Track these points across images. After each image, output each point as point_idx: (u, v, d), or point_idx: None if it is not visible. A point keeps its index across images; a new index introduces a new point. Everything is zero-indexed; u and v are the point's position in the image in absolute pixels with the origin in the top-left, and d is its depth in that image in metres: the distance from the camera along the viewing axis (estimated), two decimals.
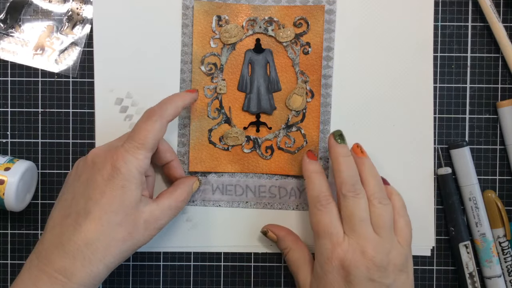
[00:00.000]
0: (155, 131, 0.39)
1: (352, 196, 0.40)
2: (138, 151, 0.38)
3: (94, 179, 0.38)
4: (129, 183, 0.37)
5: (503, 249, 0.46)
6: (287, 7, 0.46)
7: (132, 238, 0.38)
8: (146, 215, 0.39)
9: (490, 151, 0.47)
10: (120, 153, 0.38)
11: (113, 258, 0.37)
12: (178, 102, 0.42)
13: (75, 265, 0.36)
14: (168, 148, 0.44)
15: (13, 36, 0.47)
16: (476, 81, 0.47)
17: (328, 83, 0.46)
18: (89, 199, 0.37)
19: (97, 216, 0.37)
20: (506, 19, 0.47)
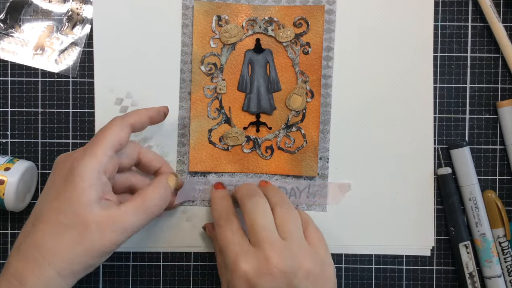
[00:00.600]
0: (114, 128, 0.38)
1: (250, 203, 0.39)
2: (96, 149, 0.36)
3: (53, 181, 0.37)
4: (82, 181, 0.35)
5: (503, 249, 0.46)
6: (287, 7, 0.46)
7: (83, 241, 0.35)
8: (100, 218, 0.35)
9: (490, 151, 0.47)
10: (79, 153, 0.37)
11: (63, 264, 0.34)
12: (142, 111, 0.41)
13: (26, 269, 0.34)
14: (154, 157, 0.43)
15: (13, 36, 0.47)
16: (476, 81, 0.47)
17: (328, 83, 0.46)
18: (45, 200, 0.36)
19: (48, 217, 0.35)
20: (506, 19, 0.47)
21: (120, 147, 0.38)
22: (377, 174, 0.47)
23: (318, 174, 0.47)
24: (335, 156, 0.47)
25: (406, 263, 0.47)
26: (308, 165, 0.46)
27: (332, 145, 0.47)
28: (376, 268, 0.47)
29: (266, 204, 0.40)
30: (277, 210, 0.39)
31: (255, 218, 0.38)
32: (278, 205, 0.40)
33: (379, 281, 0.47)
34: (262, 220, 0.38)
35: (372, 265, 0.47)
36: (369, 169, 0.47)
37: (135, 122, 0.39)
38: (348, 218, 0.47)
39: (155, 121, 0.42)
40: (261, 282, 0.36)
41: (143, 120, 0.40)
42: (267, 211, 0.39)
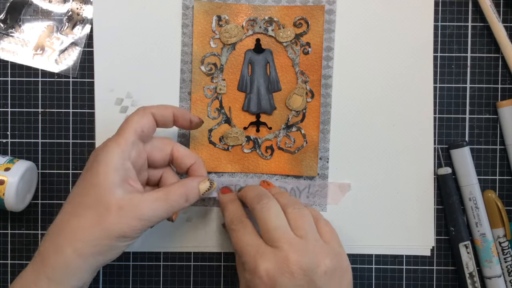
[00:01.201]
0: (136, 116, 0.39)
1: (260, 206, 0.39)
2: (118, 136, 0.38)
3: (83, 171, 0.38)
4: (105, 167, 0.36)
5: (503, 249, 0.46)
6: (287, 7, 0.46)
7: (104, 222, 0.35)
8: (122, 202, 0.36)
9: (490, 151, 0.47)
10: (104, 143, 0.38)
11: (82, 244, 0.35)
12: (167, 105, 0.41)
13: (47, 248, 0.36)
14: (186, 153, 0.42)
15: (13, 36, 0.47)
16: (476, 81, 0.47)
17: (328, 83, 0.46)
18: (74, 187, 0.38)
19: (71, 199, 0.37)
20: (506, 19, 0.47)
21: (143, 134, 0.39)
22: (377, 174, 0.47)
23: (318, 174, 0.47)
24: (335, 156, 0.47)
25: (406, 263, 0.47)
26: (308, 165, 0.46)
27: (332, 145, 0.47)
28: (376, 268, 0.47)
29: (276, 205, 0.40)
30: (289, 211, 0.39)
31: (268, 219, 0.38)
32: (289, 205, 0.40)
33: (379, 281, 0.47)
34: (275, 221, 0.38)
35: (372, 265, 0.47)
36: (369, 169, 0.47)
37: (157, 112, 0.40)
38: (348, 218, 0.47)
39: (179, 121, 0.42)
40: (281, 280, 0.36)
41: (166, 113, 0.40)
42: (279, 211, 0.39)
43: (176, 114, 0.41)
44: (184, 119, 0.42)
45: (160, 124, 0.41)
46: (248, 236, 0.39)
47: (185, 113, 0.42)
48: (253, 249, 0.37)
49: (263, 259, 0.36)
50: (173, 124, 0.42)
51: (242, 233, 0.39)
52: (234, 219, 0.41)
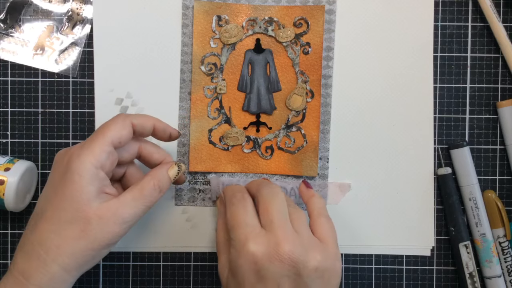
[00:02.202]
0: (116, 125, 0.37)
1: (267, 190, 0.39)
2: (94, 144, 0.36)
3: (52, 177, 0.37)
4: (80, 178, 0.35)
5: (503, 249, 0.46)
6: (287, 7, 0.46)
7: (86, 236, 0.35)
8: (100, 211, 0.36)
9: (490, 151, 0.47)
10: (76, 149, 0.37)
11: (67, 259, 0.35)
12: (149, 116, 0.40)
13: (30, 266, 0.35)
14: (155, 150, 0.42)
15: (13, 36, 0.47)
16: (476, 81, 0.47)
17: (328, 83, 0.46)
18: (45, 197, 0.37)
19: (49, 214, 0.36)
20: (506, 19, 0.47)
21: (120, 144, 0.38)
22: (377, 174, 0.47)
23: (318, 174, 0.47)
24: (335, 156, 0.47)
25: (406, 263, 0.47)
26: (308, 165, 0.46)
27: (332, 145, 0.47)
28: (376, 268, 0.47)
29: (283, 194, 0.39)
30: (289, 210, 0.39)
31: (272, 202, 0.38)
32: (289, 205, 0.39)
33: (379, 281, 0.47)
34: (279, 205, 0.38)
35: (372, 265, 0.47)
36: (369, 169, 0.47)
37: (138, 123, 0.39)
38: (348, 218, 0.47)
39: (158, 134, 0.41)
40: (269, 266, 0.35)
41: (147, 124, 0.40)
42: (284, 200, 0.39)
43: (157, 127, 0.41)
44: (165, 132, 0.41)
45: (137, 134, 0.40)
46: (246, 213, 0.38)
47: (166, 127, 0.41)
48: (247, 229, 0.37)
49: (255, 241, 0.36)
50: (151, 135, 0.41)
51: (241, 208, 0.38)
52: (236, 193, 0.40)
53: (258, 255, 0.35)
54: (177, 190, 0.46)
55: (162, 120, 0.43)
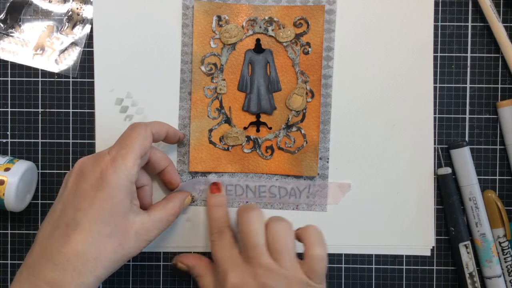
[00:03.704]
0: (140, 137, 0.38)
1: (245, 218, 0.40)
2: (127, 158, 0.37)
3: (82, 188, 0.37)
4: (119, 192, 0.37)
5: (503, 249, 0.46)
6: (287, 7, 0.46)
7: (123, 249, 0.37)
8: (137, 226, 0.38)
9: (490, 151, 0.47)
10: (109, 161, 0.37)
11: (103, 270, 0.36)
12: (164, 124, 0.42)
13: (65, 277, 0.35)
14: (161, 156, 0.43)
15: (13, 36, 0.47)
16: (476, 81, 0.47)
17: (328, 83, 0.46)
18: (78, 209, 0.36)
19: (86, 227, 0.36)
20: (506, 19, 0.47)
21: (145, 155, 0.40)
22: (377, 174, 0.47)
23: (318, 174, 0.47)
24: (335, 156, 0.47)
25: (406, 263, 0.47)
26: (308, 165, 0.46)
27: (332, 145, 0.47)
28: (376, 268, 0.47)
29: (260, 218, 0.40)
30: (269, 222, 0.40)
31: (249, 235, 0.39)
32: (271, 219, 0.40)
33: (379, 281, 0.47)
34: (254, 238, 0.39)
35: (372, 265, 0.47)
36: (369, 169, 0.47)
37: (156, 132, 0.41)
38: (348, 218, 0.47)
39: (169, 139, 0.44)
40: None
41: (162, 131, 0.42)
42: (261, 227, 0.39)
43: (170, 133, 0.43)
44: (175, 137, 0.44)
45: (154, 141, 0.41)
46: (223, 248, 0.40)
47: (176, 132, 0.44)
48: (227, 263, 0.39)
49: (232, 272, 0.38)
50: (163, 140, 0.43)
51: (218, 245, 0.41)
52: (213, 229, 0.42)
53: (237, 286, 0.38)
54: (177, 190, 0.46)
55: (162, 120, 0.44)
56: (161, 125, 0.42)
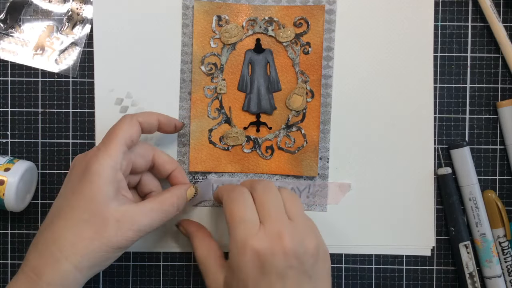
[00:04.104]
0: (124, 125, 0.39)
1: (262, 185, 0.39)
2: (109, 146, 0.37)
3: (70, 179, 0.38)
4: (99, 178, 0.36)
5: (503, 249, 0.46)
6: (287, 7, 0.46)
7: (101, 237, 0.36)
8: (118, 214, 0.36)
9: (490, 151, 0.47)
10: (93, 152, 0.38)
11: (80, 258, 0.35)
12: (152, 112, 0.42)
13: (43, 263, 0.35)
14: (167, 159, 0.43)
15: (13, 36, 0.47)
16: (476, 81, 0.47)
17: (328, 83, 0.46)
18: (64, 197, 0.37)
19: (67, 214, 0.36)
20: (506, 19, 0.47)
21: (132, 143, 0.39)
22: (377, 174, 0.47)
23: (318, 174, 0.47)
24: (335, 156, 0.47)
25: (406, 263, 0.47)
26: (308, 165, 0.46)
27: (332, 145, 0.47)
28: (376, 268, 0.47)
29: (276, 187, 0.40)
30: (283, 192, 0.40)
31: (268, 196, 0.38)
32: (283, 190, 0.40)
33: (379, 281, 0.47)
34: (274, 199, 0.38)
35: (372, 265, 0.47)
36: (369, 169, 0.47)
37: (144, 120, 0.40)
38: (348, 218, 0.47)
39: (164, 127, 0.43)
40: (272, 260, 0.35)
41: (152, 121, 0.41)
42: (278, 194, 0.39)
43: (162, 121, 0.42)
44: (170, 125, 0.43)
45: (145, 131, 0.41)
46: (245, 208, 0.38)
47: (170, 119, 0.43)
48: (249, 225, 0.37)
49: (256, 238, 0.36)
50: (157, 130, 0.43)
51: (241, 203, 0.38)
52: (235, 189, 0.40)
53: (261, 251, 0.36)
54: None
55: None
56: (150, 114, 0.41)
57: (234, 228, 0.37)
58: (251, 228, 0.37)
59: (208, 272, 0.40)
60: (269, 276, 0.35)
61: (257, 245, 0.36)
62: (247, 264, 0.36)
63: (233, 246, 0.37)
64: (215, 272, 0.40)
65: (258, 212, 0.38)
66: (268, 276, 0.35)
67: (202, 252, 0.42)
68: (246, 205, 0.38)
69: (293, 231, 0.37)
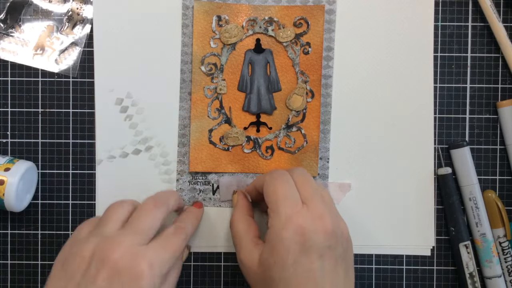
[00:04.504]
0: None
1: (300, 170, 0.41)
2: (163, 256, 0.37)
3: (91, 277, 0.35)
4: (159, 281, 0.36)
5: (503, 249, 0.46)
6: (287, 7, 0.46)
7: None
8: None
9: (490, 151, 0.47)
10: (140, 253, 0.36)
11: None
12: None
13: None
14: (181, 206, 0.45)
15: (13, 36, 0.46)
16: (476, 81, 0.47)
17: (328, 83, 0.46)
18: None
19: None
20: (506, 19, 0.47)
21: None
22: (377, 174, 0.47)
23: (319, 174, 0.47)
24: (335, 156, 0.47)
25: (406, 263, 0.47)
26: (309, 165, 0.46)
27: (332, 145, 0.47)
28: (376, 268, 0.47)
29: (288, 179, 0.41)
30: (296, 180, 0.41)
31: (308, 179, 0.40)
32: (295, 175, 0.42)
33: (379, 281, 0.47)
34: (312, 183, 0.40)
35: (372, 265, 0.47)
36: (369, 169, 0.47)
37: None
38: (348, 218, 0.47)
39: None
40: (315, 238, 0.37)
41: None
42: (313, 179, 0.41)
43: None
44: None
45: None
46: (289, 187, 0.39)
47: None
48: (292, 202, 0.38)
49: (301, 214, 0.37)
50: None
51: (284, 182, 0.40)
52: (277, 170, 0.41)
53: (305, 227, 0.37)
54: (177, 190, 0.46)
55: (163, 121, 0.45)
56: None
57: (279, 204, 0.38)
58: (295, 205, 0.38)
59: (243, 247, 0.41)
60: (309, 254, 0.36)
61: (301, 221, 0.37)
62: (289, 239, 0.37)
63: (276, 222, 0.38)
64: (251, 249, 0.40)
65: (299, 193, 0.39)
66: (308, 253, 0.36)
67: (243, 227, 0.42)
68: (289, 184, 0.40)
69: (331, 213, 0.38)
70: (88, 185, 0.47)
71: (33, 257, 0.47)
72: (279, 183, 0.39)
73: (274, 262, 0.37)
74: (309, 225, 0.37)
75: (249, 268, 0.39)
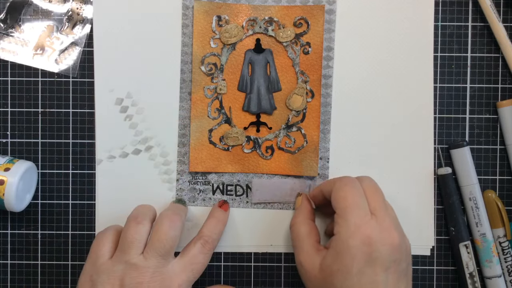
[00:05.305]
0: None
1: (370, 180, 0.41)
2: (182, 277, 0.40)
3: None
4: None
5: (503, 249, 0.46)
6: (287, 7, 0.46)
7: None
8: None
9: (490, 151, 0.47)
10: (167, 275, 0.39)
11: None
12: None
13: None
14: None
15: (13, 36, 0.46)
16: (476, 81, 0.47)
17: (328, 83, 0.46)
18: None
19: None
20: (506, 19, 0.47)
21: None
22: (377, 174, 0.47)
23: (319, 174, 0.47)
24: (335, 156, 0.47)
25: None
26: (309, 165, 0.46)
27: (332, 145, 0.47)
28: None
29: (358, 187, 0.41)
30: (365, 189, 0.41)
31: (377, 190, 0.40)
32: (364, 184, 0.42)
33: None
34: (382, 195, 0.40)
35: None
36: (369, 169, 0.47)
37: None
38: None
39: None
40: (382, 249, 0.37)
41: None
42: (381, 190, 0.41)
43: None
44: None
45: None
46: (360, 196, 0.39)
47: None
48: (362, 211, 0.38)
49: (369, 225, 0.37)
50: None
51: (356, 190, 0.39)
52: (348, 177, 0.41)
53: (373, 238, 0.37)
54: (177, 190, 0.46)
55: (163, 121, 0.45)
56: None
57: (347, 212, 0.38)
58: (364, 215, 0.38)
59: (305, 251, 0.41)
60: (374, 265, 0.36)
61: (370, 232, 0.37)
62: (356, 248, 0.37)
63: (343, 230, 0.38)
64: (312, 254, 0.40)
65: (368, 203, 0.39)
66: (374, 264, 0.36)
67: (305, 230, 0.42)
68: (359, 192, 0.39)
69: (397, 227, 0.39)
70: (88, 185, 0.47)
71: (33, 257, 0.47)
72: (349, 190, 0.39)
73: (338, 269, 0.37)
74: (377, 236, 0.37)
75: (309, 272, 0.40)
